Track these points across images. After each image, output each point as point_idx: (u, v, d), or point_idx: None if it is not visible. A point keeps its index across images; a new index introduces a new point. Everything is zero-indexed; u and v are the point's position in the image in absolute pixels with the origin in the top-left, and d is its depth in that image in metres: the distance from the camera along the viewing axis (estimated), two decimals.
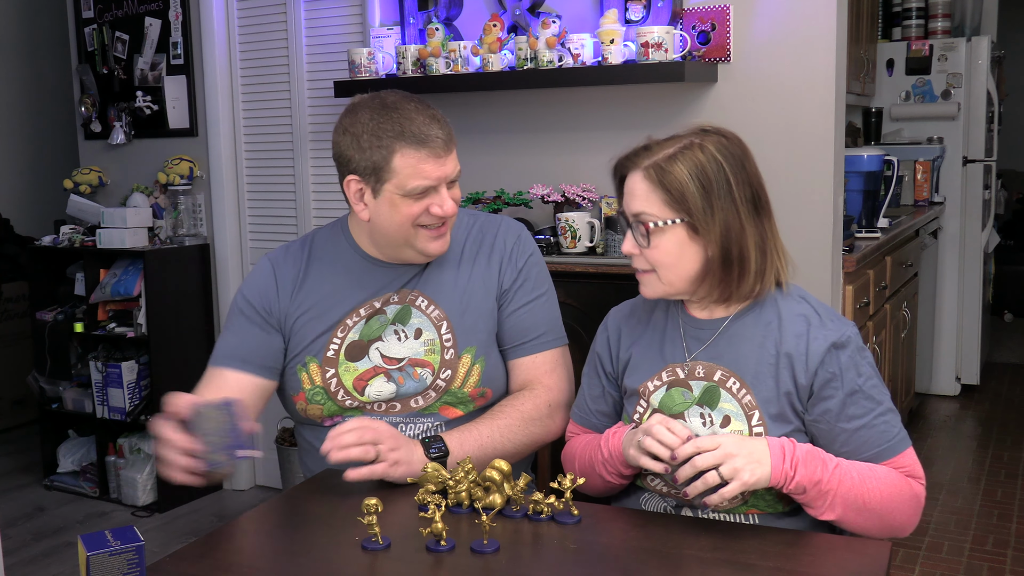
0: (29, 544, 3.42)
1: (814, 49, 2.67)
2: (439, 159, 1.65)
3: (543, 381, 1.78)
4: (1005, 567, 3.04)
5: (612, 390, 1.70)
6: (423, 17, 3.10)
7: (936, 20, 4.92)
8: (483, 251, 1.80)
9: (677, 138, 1.54)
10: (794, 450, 1.44)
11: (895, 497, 1.48)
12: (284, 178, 3.69)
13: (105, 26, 3.96)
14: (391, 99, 1.67)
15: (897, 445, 1.51)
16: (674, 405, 1.56)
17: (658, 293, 1.57)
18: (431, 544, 1.34)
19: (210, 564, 1.35)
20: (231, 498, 3.85)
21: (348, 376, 1.73)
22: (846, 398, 1.49)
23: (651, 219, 1.50)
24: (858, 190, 3.59)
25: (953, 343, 4.89)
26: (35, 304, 4.00)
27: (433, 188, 1.66)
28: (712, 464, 1.39)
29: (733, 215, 1.49)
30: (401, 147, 1.63)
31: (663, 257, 1.51)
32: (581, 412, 1.74)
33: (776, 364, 1.52)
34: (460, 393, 1.74)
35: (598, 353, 1.71)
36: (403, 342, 1.74)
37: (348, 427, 1.54)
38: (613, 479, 1.59)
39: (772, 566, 1.32)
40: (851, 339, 1.51)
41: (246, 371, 1.73)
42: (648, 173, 1.50)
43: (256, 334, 1.75)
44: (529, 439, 1.74)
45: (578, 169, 3.02)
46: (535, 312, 1.80)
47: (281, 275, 1.79)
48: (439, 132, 1.65)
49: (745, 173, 1.51)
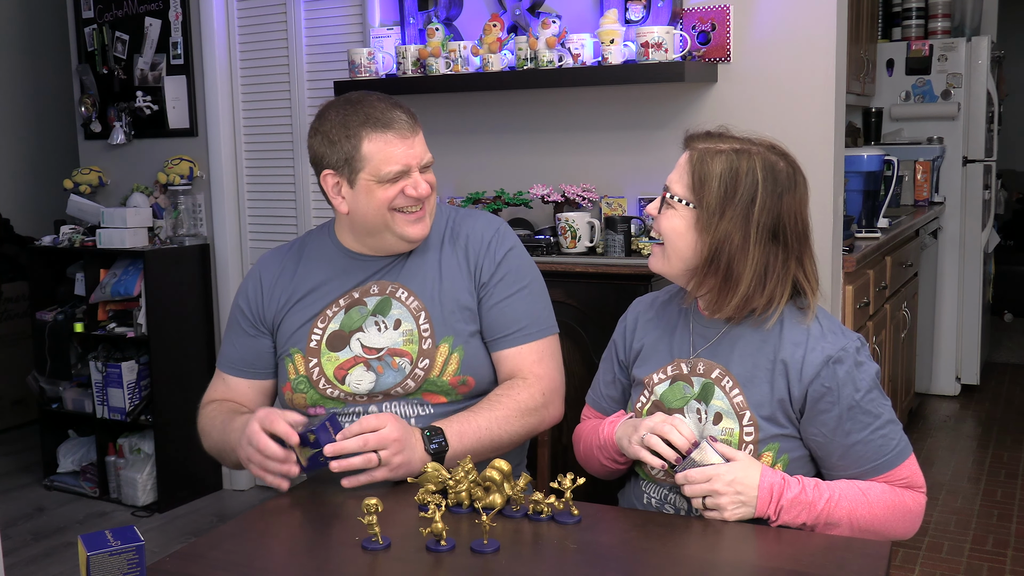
0: (29, 544, 3.42)
1: (814, 49, 2.67)
2: (406, 140, 1.71)
3: (533, 371, 1.80)
4: (1005, 567, 3.04)
5: (623, 377, 1.75)
6: (423, 17, 3.10)
7: (936, 20, 4.93)
8: (459, 244, 1.83)
9: (743, 140, 1.56)
10: (782, 493, 1.45)
11: (889, 516, 1.50)
12: (284, 178, 3.69)
13: (105, 26, 3.96)
14: (355, 96, 1.77)
15: (895, 458, 1.51)
16: (674, 400, 1.59)
17: (659, 267, 1.60)
18: (431, 544, 1.34)
19: (210, 564, 1.35)
20: (231, 498, 3.85)
21: (330, 366, 1.77)
22: (842, 413, 1.49)
23: (673, 193, 1.55)
24: (858, 190, 3.59)
25: (953, 343, 4.89)
26: (35, 304, 4.00)
27: (405, 171, 1.71)
28: (698, 495, 1.46)
29: (740, 231, 1.50)
30: (367, 132, 1.70)
31: (668, 231, 1.56)
32: (595, 396, 1.80)
33: (772, 370, 1.53)
34: (440, 382, 1.76)
35: (615, 340, 1.76)
36: (383, 332, 1.77)
37: (353, 434, 1.54)
38: (609, 464, 1.66)
39: (772, 566, 1.32)
40: (849, 353, 1.50)
41: (243, 376, 1.87)
42: (692, 155, 1.55)
43: (246, 343, 1.86)
44: (525, 429, 1.76)
45: (578, 169, 3.02)
46: (516, 305, 1.81)
47: (266, 275, 1.87)
48: (402, 115, 1.72)
49: (779, 203, 1.51)
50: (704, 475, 1.45)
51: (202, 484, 3.86)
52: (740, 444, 1.51)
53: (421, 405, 1.77)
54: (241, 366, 1.86)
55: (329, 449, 1.52)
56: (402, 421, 1.60)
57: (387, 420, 1.57)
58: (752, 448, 1.51)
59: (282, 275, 1.86)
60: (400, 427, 1.58)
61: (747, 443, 1.51)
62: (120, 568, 1.21)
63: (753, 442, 1.51)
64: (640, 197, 2.92)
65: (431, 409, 1.76)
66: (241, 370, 1.86)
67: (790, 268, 1.54)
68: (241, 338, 1.86)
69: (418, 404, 1.77)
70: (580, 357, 2.57)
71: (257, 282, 1.87)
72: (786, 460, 1.52)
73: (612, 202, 2.92)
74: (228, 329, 1.90)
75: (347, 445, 1.53)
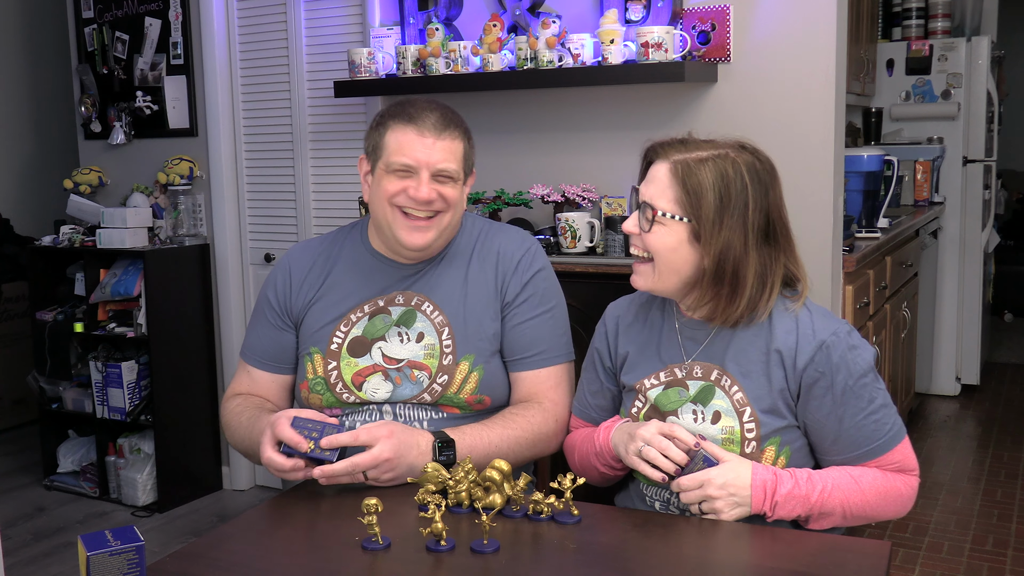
0: (29, 544, 3.42)
1: (814, 49, 2.67)
2: (424, 138, 1.70)
3: (549, 396, 1.79)
4: (1005, 567, 3.04)
5: (610, 385, 1.72)
6: (423, 17, 3.10)
7: (936, 20, 4.92)
8: (489, 260, 1.82)
9: (714, 144, 1.55)
10: (775, 491, 1.46)
11: (881, 502, 1.52)
12: (284, 178, 3.69)
13: (105, 26, 3.96)
14: (412, 97, 1.79)
15: (888, 443, 1.53)
16: (669, 403, 1.58)
17: (648, 285, 1.58)
18: (431, 544, 1.34)
19: (210, 564, 1.35)
20: (231, 498, 3.85)
21: (348, 370, 1.76)
22: (836, 398, 1.50)
23: (659, 209, 1.52)
24: (858, 190, 3.59)
25: (953, 343, 4.89)
26: (35, 304, 4.00)
27: (413, 169, 1.70)
28: (694, 502, 1.47)
29: (739, 237, 1.50)
30: (394, 124, 1.72)
31: (660, 248, 1.53)
32: (581, 405, 1.78)
33: (767, 361, 1.53)
34: (456, 398, 1.75)
35: (597, 349, 1.74)
36: (405, 344, 1.76)
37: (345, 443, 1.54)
38: (607, 470, 1.65)
39: (772, 566, 1.32)
40: (840, 338, 1.51)
41: (267, 370, 1.86)
42: (675, 167, 1.52)
43: (271, 335, 1.85)
44: (533, 453, 1.76)
45: (578, 169, 3.02)
46: (539, 327, 1.80)
47: (295, 269, 1.86)
48: (433, 116, 1.72)
49: (766, 201, 1.52)
50: (696, 481, 1.46)
51: (202, 484, 3.86)
52: (742, 441, 1.51)
53: (435, 411, 1.76)
54: (265, 358, 1.85)
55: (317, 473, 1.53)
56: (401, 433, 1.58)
57: (381, 436, 1.55)
58: (755, 444, 1.51)
59: (312, 271, 1.85)
60: (393, 445, 1.55)
61: (749, 440, 1.51)
62: (120, 568, 1.21)
63: (755, 439, 1.51)
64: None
65: (443, 414, 1.76)
66: (265, 363, 1.85)
67: (782, 262, 1.56)
68: (267, 330, 1.85)
69: (432, 410, 1.76)
70: (580, 357, 2.57)
71: (287, 275, 1.86)
72: (788, 453, 1.53)
73: (612, 202, 2.92)
74: (253, 319, 1.89)
75: (336, 468, 1.52)
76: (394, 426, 1.59)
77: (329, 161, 3.56)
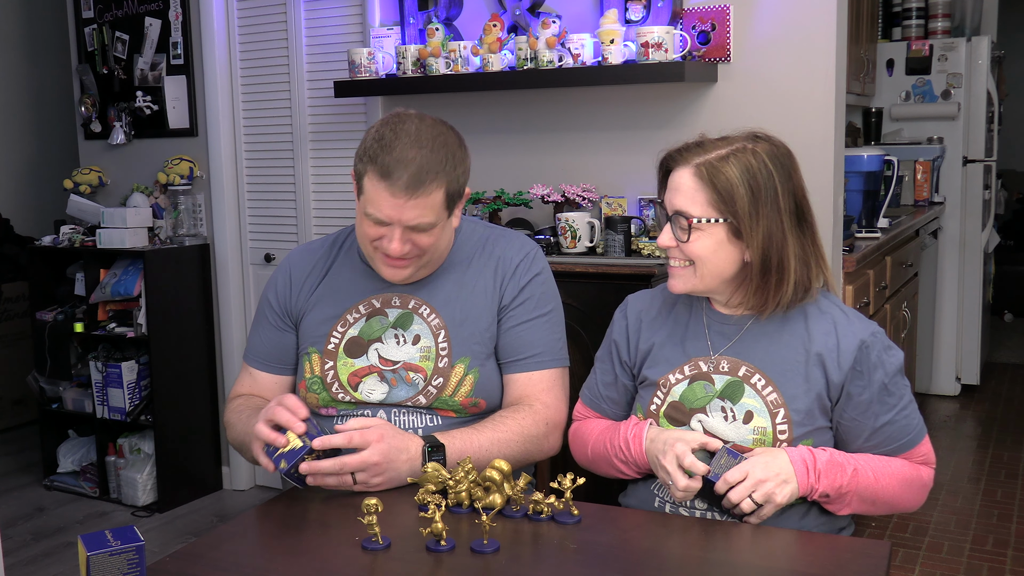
0: (29, 544, 3.42)
1: (814, 49, 2.67)
2: (395, 199, 1.63)
3: (541, 398, 1.78)
4: (1005, 567, 3.04)
5: (626, 379, 1.71)
6: (423, 17, 3.10)
7: (936, 20, 4.92)
8: (488, 265, 1.81)
9: (729, 140, 1.55)
10: (815, 462, 1.47)
11: (906, 488, 1.55)
12: (284, 178, 3.69)
13: (105, 26, 3.96)
14: (399, 119, 1.68)
15: (916, 437, 1.56)
16: (695, 399, 1.57)
17: (688, 288, 1.57)
18: (431, 544, 1.34)
19: (210, 564, 1.35)
20: (231, 498, 3.85)
21: (344, 371, 1.76)
22: (873, 396, 1.52)
23: (694, 216, 1.51)
24: (858, 190, 3.59)
25: (953, 343, 4.90)
26: (35, 304, 4.00)
27: (387, 223, 1.66)
28: (745, 493, 1.44)
29: (776, 224, 1.50)
30: (371, 171, 1.64)
31: (701, 252, 1.52)
32: (592, 395, 1.77)
33: (806, 363, 1.53)
34: (451, 401, 1.75)
35: (615, 340, 1.72)
36: (401, 346, 1.76)
37: (336, 444, 1.54)
38: (631, 474, 1.64)
39: (772, 566, 1.32)
40: (878, 338, 1.54)
41: (269, 371, 1.87)
42: (699, 171, 1.51)
43: (273, 336, 1.87)
44: (524, 456, 1.74)
45: (578, 169, 3.02)
46: (535, 331, 1.79)
47: (296, 271, 1.87)
48: (407, 173, 1.61)
49: (791, 183, 1.53)
50: (741, 472, 1.44)
51: (202, 484, 3.86)
52: (774, 442, 1.51)
53: (430, 415, 1.76)
54: (267, 360, 1.87)
55: (305, 467, 1.52)
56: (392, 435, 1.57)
57: (372, 440, 1.54)
58: (785, 446, 1.51)
59: (312, 272, 1.86)
60: (383, 449, 1.54)
61: (781, 441, 1.51)
62: (120, 568, 1.21)
63: (787, 440, 1.51)
64: (640, 197, 2.92)
65: (439, 420, 1.76)
66: (267, 364, 1.86)
67: (818, 244, 1.57)
68: (268, 331, 1.87)
69: (427, 414, 1.76)
70: (580, 357, 2.57)
71: (287, 276, 1.87)
72: None
73: (612, 202, 2.92)
74: (255, 322, 1.91)
75: (322, 466, 1.52)
76: (386, 430, 1.58)
77: (329, 161, 3.56)
